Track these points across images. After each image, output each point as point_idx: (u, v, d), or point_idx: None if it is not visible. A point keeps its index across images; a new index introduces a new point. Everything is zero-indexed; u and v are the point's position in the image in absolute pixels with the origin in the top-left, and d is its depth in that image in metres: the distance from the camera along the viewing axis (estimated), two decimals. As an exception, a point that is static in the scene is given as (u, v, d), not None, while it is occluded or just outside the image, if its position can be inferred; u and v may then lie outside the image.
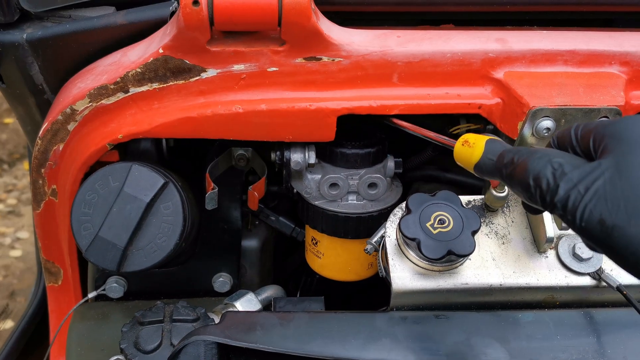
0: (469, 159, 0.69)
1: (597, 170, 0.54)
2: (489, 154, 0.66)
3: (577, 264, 0.84)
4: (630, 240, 0.50)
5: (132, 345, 0.85)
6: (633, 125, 0.56)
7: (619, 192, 0.51)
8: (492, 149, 0.66)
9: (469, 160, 0.69)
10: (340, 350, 0.76)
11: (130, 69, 0.86)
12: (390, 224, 0.87)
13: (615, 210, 0.51)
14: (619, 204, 0.51)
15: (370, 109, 0.89)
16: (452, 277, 0.83)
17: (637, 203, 0.50)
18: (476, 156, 0.67)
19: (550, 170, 0.56)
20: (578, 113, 0.84)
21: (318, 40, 0.85)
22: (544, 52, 0.88)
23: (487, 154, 0.66)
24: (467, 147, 0.69)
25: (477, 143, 0.68)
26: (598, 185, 0.53)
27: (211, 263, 1.10)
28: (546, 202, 0.56)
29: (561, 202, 0.54)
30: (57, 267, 1.09)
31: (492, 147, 0.66)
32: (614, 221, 0.51)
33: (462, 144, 0.70)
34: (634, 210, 0.50)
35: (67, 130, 0.91)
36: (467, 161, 0.69)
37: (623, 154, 0.54)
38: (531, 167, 0.58)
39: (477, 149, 0.68)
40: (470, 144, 0.69)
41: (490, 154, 0.66)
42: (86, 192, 0.88)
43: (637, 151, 0.53)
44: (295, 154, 0.97)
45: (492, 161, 0.66)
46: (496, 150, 0.66)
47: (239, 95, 0.88)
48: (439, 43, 0.88)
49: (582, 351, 0.77)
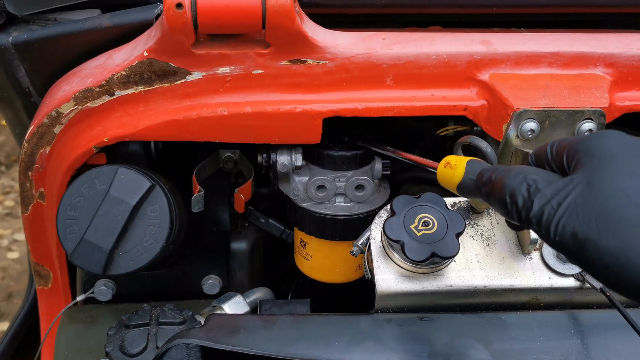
0: (451, 179, 0.71)
1: (570, 185, 0.54)
2: (470, 174, 0.68)
3: (561, 266, 0.84)
4: (602, 253, 0.51)
5: (117, 349, 0.85)
6: (603, 140, 0.57)
7: (590, 206, 0.52)
8: (473, 169, 0.68)
9: (452, 181, 0.71)
10: (324, 353, 0.76)
11: (115, 71, 0.87)
12: (376, 226, 0.87)
13: (587, 224, 0.52)
14: (590, 218, 0.52)
15: (356, 111, 0.89)
16: (436, 279, 0.83)
17: (607, 216, 0.51)
18: (458, 177, 0.70)
19: (525, 186, 0.57)
20: (562, 115, 0.84)
21: (303, 43, 0.85)
22: (529, 54, 0.88)
23: (468, 175, 0.69)
24: (449, 169, 0.72)
25: (459, 164, 0.70)
26: (570, 200, 0.53)
27: (200, 265, 1.10)
28: (522, 217, 0.57)
29: (536, 218, 0.55)
30: (47, 270, 1.09)
31: (473, 168, 0.69)
32: (586, 234, 0.51)
33: (445, 165, 0.73)
34: (604, 223, 0.51)
35: (54, 133, 0.91)
36: (450, 182, 0.71)
37: (593, 168, 0.54)
38: (507, 184, 0.59)
39: (458, 170, 0.70)
40: (452, 166, 0.71)
41: (471, 174, 0.68)
42: (72, 195, 0.88)
43: (606, 165, 0.54)
44: (282, 156, 0.97)
45: (473, 181, 0.67)
46: (476, 170, 0.67)
47: (224, 97, 0.88)
48: (424, 45, 0.88)
49: (565, 352, 0.78)
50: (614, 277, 0.51)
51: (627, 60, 0.89)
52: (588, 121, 0.84)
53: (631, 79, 0.90)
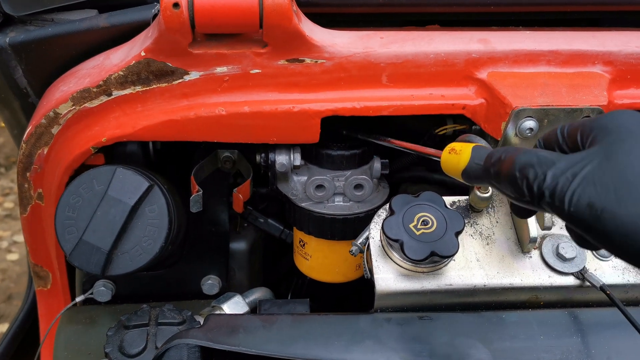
0: (456, 166, 0.69)
1: (586, 158, 0.54)
2: (475, 159, 0.67)
3: (560, 264, 0.84)
4: (619, 223, 0.50)
5: (116, 349, 0.85)
6: (619, 118, 0.57)
7: (608, 176, 0.52)
8: (479, 154, 0.67)
9: (456, 167, 0.69)
10: (323, 352, 0.76)
11: (112, 72, 0.86)
12: (375, 225, 0.87)
13: (604, 194, 0.51)
14: (608, 188, 0.51)
15: (354, 111, 0.88)
16: (436, 278, 0.83)
17: (626, 186, 0.51)
18: (463, 162, 0.68)
19: (536, 160, 0.57)
20: (561, 113, 0.83)
21: (300, 42, 0.85)
22: (527, 52, 0.88)
23: (474, 159, 0.67)
24: (453, 155, 0.70)
25: (464, 150, 0.69)
26: (587, 171, 0.53)
27: (199, 266, 1.09)
28: (533, 192, 0.56)
29: (549, 189, 0.54)
30: (46, 271, 1.09)
31: (479, 153, 0.67)
32: (603, 204, 0.51)
33: (449, 152, 0.71)
34: (623, 192, 0.51)
35: (51, 133, 0.91)
36: (455, 168, 0.70)
37: (611, 142, 0.54)
38: (518, 160, 0.58)
39: (463, 155, 0.68)
40: (457, 152, 0.70)
41: (477, 159, 0.66)
42: (70, 195, 0.88)
43: (624, 140, 0.54)
44: (280, 155, 0.97)
45: (479, 166, 0.66)
46: (483, 155, 0.66)
47: (222, 97, 0.88)
48: (422, 44, 0.88)
49: (565, 351, 0.77)
50: (633, 246, 0.50)
51: (625, 58, 0.89)
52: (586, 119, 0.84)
53: (630, 77, 0.90)
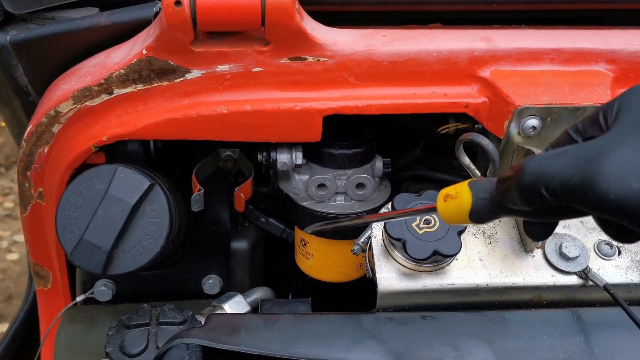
0: (460, 210, 0.62)
1: (610, 140, 0.48)
2: (479, 195, 0.60)
3: (563, 263, 0.83)
4: None
5: (117, 349, 0.85)
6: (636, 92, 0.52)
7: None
8: (479, 187, 0.60)
9: (460, 211, 0.62)
10: (325, 352, 0.76)
11: (114, 70, 0.86)
12: (377, 225, 0.87)
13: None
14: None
15: (356, 109, 0.88)
16: (438, 278, 0.82)
17: None
18: (466, 204, 0.61)
19: (550, 156, 0.51)
20: (564, 111, 0.83)
21: (302, 40, 0.84)
22: (530, 50, 0.88)
23: (478, 195, 0.60)
24: (451, 201, 0.63)
25: (460, 191, 0.62)
26: (620, 153, 0.47)
27: (200, 265, 1.09)
28: (557, 193, 0.49)
29: (576, 182, 0.47)
30: (46, 271, 1.09)
31: (479, 188, 0.60)
32: None
33: (444, 199, 0.64)
34: None
35: (52, 132, 0.91)
36: (459, 214, 0.62)
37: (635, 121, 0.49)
38: (527, 166, 0.52)
39: (463, 196, 0.61)
40: (453, 196, 0.62)
41: (481, 194, 0.60)
42: (71, 194, 0.88)
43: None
44: (282, 154, 0.96)
45: (485, 199, 0.59)
46: (485, 187, 0.60)
47: (223, 95, 0.88)
48: (424, 42, 0.88)
49: (569, 351, 0.77)
50: None
51: (629, 56, 0.89)
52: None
53: (633, 75, 0.90)
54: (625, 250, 0.86)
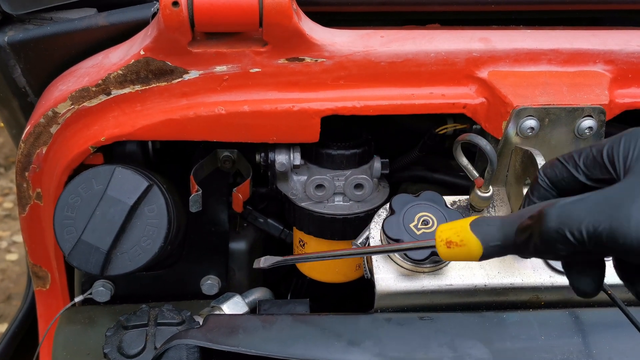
0: (468, 256, 0.61)
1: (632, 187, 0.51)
2: (490, 243, 0.60)
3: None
4: None
5: (115, 350, 0.85)
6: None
7: None
8: (489, 237, 0.60)
9: (469, 257, 0.61)
10: (323, 353, 0.76)
11: (111, 70, 0.86)
12: (375, 225, 0.87)
13: None
14: None
15: (354, 110, 0.88)
16: (436, 278, 0.82)
17: None
18: (476, 253, 0.60)
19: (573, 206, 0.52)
20: (562, 112, 0.83)
21: (300, 41, 0.84)
22: (528, 51, 0.88)
23: (489, 244, 0.60)
24: (456, 248, 0.62)
25: (465, 239, 0.61)
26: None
27: (199, 266, 1.09)
28: (584, 241, 0.51)
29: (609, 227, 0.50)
30: (45, 271, 1.09)
31: (487, 235, 0.60)
32: None
33: (447, 246, 0.63)
34: None
35: (50, 133, 0.91)
36: (467, 258, 0.62)
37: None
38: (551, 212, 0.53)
39: (472, 245, 0.60)
40: (458, 244, 0.62)
41: (492, 242, 0.59)
42: (69, 195, 0.88)
43: None
44: (280, 155, 0.96)
45: (497, 246, 0.59)
46: (492, 234, 0.59)
47: (221, 96, 0.88)
48: (422, 43, 0.88)
49: (566, 351, 0.77)
50: None
51: (626, 57, 0.89)
52: (588, 118, 0.84)
53: (631, 76, 0.90)
54: (623, 251, 0.86)
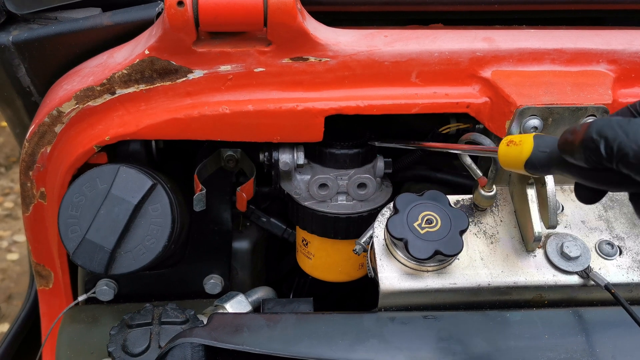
0: (518, 156, 0.68)
1: None
2: (540, 147, 0.66)
3: (565, 263, 0.84)
4: None
5: (119, 348, 0.85)
6: None
7: None
8: (543, 142, 0.66)
9: (518, 158, 0.68)
10: (328, 351, 0.76)
11: (116, 70, 0.86)
12: (379, 224, 0.87)
13: None
14: None
15: (358, 109, 0.88)
16: (440, 277, 0.83)
17: None
18: (526, 152, 0.67)
19: (615, 121, 0.56)
20: (565, 112, 0.83)
21: (304, 41, 0.85)
22: (531, 50, 0.88)
23: (539, 148, 0.66)
24: (513, 147, 0.69)
25: (524, 140, 0.68)
26: None
27: (202, 265, 1.09)
28: (613, 152, 0.55)
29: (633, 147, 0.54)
30: (48, 270, 1.09)
31: (542, 141, 0.66)
32: None
33: (507, 144, 0.70)
34: None
35: (54, 132, 0.91)
36: (517, 159, 0.68)
37: None
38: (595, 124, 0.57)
39: (525, 145, 0.67)
40: (516, 143, 0.69)
41: (542, 147, 0.66)
42: (73, 194, 0.88)
43: None
44: (284, 154, 0.96)
45: (544, 153, 0.65)
46: (548, 143, 0.65)
47: (225, 96, 0.88)
48: (426, 42, 0.88)
49: (570, 350, 0.77)
50: None
51: (630, 56, 0.89)
52: (591, 118, 0.84)
53: (634, 76, 0.90)
54: (627, 250, 0.86)
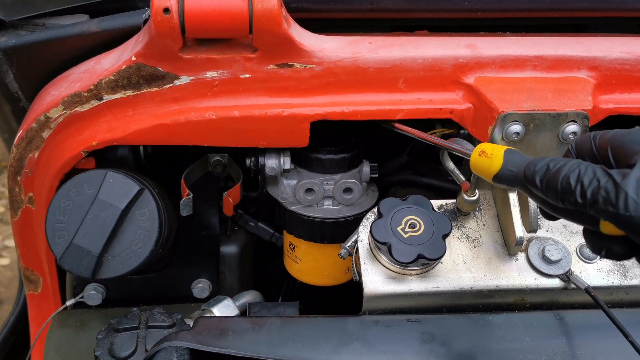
0: (488, 169, 0.69)
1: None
2: (508, 166, 0.67)
3: (546, 266, 0.85)
4: None
5: (106, 352, 0.85)
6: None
7: None
8: (512, 160, 0.67)
9: (488, 170, 0.69)
10: (312, 354, 0.77)
11: (103, 76, 0.87)
12: (363, 229, 0.88)
13: None
14: None
15: (343, 115, 0.89)
16: (423, 281, 0.84)
17: None
18: (495, 167, 0.68)
19: (590, 169, 0.58)
20: (546, 117, 0.85)
21: (289, 47, 0.86)
22: (513, 57, 0.89)
23: (507, 165, 0.67)
24: (484, 158, 0.70)
25: (495, 154, 0.69)
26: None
27: (190, 269, 1.10)
28: (586, 197, 0.57)
29: (605, 195, 0.56)
30: (36, 275, 1.09)
31: (512, 159, 0.67)
32: None
33: (479, 154, 0.71)
34: None
35: (42, 137, 0.92)
36: (486, 171, 0.70)
37: None
38: (570, 169, 0.59)
39: (495, 159, 0.68)
40: (487, 155, 0.70)
41: (510, 165, 0.67)
42: (61, 199, 0.88)
43: None
44: (270, 159, 0.97)
45: (511, 172, 0.66)
46: (516, 162, 0.66)
47: (212, 101, 0.89)
48: (409, 49, 0.89)
49: (551, 352, 0.78)
50: None
51: (610, 63, 0.90)
52: (572, 123, 0.85)
53: (614, 82, 0.91)
54: (607, 254, 0.87)
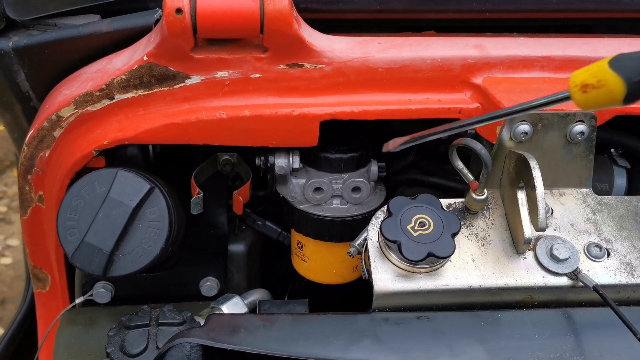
0: (609, 98, 0.57)
1: None
2: (633, 78, 0.55)
3: (554, 265, 0.85)
4: None
5: (118, 349, 0.86)
6: None
7: None
8: (630, 69, 0.55)
9: (611, 98, 0.57)
10: (323, 351, 0.77)
11: (115, 76, 0.88)
12: (372, 227, 0.89)
13: None
14: None
15: (352, 115, 0.90)
16: (432, 279, 0.84)
17: None
18: (619, 91, 0.56)
19: None
20: (554, 117, 0.85)
21: (300, 47, 0.86)
22: (522, 58, 0.90)
23: (632, 79, 0.55)
24: (593, 91, 0.57)
25: (604, 77, 0.56)
26: None
27: (198, 267, 1.10)
28: None
29: None
30: (45, 273, 1.10)
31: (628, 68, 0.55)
32: None
33: (583, 91, 0.58)
34: None
35: (53, 136, 0.92)
36: (608, 101, 0.57)
37: None
38: None
39: (611, 83, 0.56)
40: (595, 85, 0.57)
41: (635, 76, 0.55)
42: (72, 197, 0.89)
43: None
44: (280, 159, 0.98)
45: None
46: (636, 67, 0.55)
47: (222, 101, 0.90)
48: (418, 49, 0.90)
49: (559, 350, 0.79)
50: None
51: (617, 63, 0.91)
52: (580, 123, 0.86)
53: (621, 82, 0.92)
54: (614, 253, 0.88)
